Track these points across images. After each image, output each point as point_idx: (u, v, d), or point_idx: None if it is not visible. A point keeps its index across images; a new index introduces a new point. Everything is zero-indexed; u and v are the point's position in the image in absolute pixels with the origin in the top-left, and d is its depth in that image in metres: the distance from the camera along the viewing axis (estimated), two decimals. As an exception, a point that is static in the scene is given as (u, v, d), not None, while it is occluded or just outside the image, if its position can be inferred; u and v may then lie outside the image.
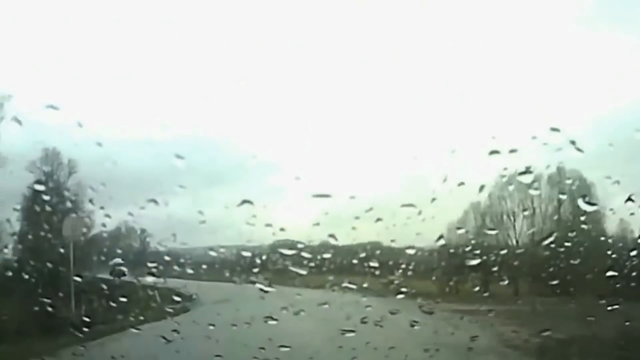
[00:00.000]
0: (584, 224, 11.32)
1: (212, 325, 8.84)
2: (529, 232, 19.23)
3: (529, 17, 20.96)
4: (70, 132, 16.58)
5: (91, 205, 17.27)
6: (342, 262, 11.84)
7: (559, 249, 11.14)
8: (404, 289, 9.77)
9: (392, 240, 10.29)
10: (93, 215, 17.53)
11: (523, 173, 7.29)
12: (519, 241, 18.94)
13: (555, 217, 17.98)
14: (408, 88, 21.47)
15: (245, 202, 6.11)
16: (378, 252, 10.97)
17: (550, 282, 12.48)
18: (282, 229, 7.37)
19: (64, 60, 20.42)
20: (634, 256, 9.79)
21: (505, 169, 8.01)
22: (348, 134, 19.90)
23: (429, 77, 22.17)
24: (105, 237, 21.61)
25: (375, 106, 20.42)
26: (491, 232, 18.64)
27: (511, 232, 19.64)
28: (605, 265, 9.90)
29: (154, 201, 7.12)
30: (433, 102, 20.84)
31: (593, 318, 8.86)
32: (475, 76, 20.49)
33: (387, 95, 21.02)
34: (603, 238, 13.66)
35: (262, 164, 6.65)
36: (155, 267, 11.05)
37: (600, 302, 8.69)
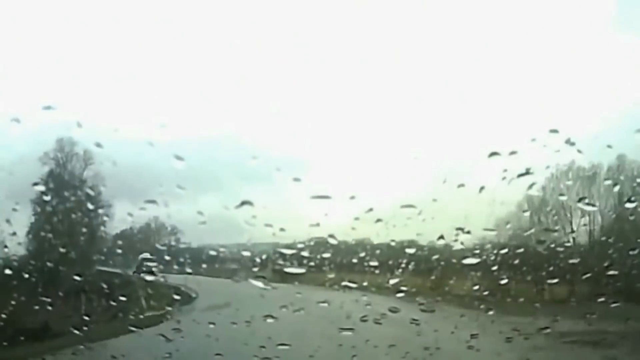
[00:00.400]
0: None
1: (213, 323, 8.91)
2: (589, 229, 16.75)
3: (528, 17, 20.92)
4: (70, 132, 16.74)
5: (109, 198, 16.89)
6: (342, 262, 11.89)
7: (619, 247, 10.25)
8: (403, 288, 9.82)
9: (392, 240, 10.35)
10: (112, 209, 17.41)
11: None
12: (575, 239, 16.37)
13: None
14: (408, 88, 21.46)
15: (245, 203, 6.14)
16: (378, 251, 11.01)
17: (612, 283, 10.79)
18: (282, 229, 7.39)
19: (64, 60, 20.40)
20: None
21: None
22: (348, 135, 19.85)
23: (429, 77, 22.11)
24: (135, 232, 21.26)
25: (375, 106, 20.39)
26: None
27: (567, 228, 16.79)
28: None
29: (153, 202, 7.14)
30: (433, 102, 20.83)
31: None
32: (475, 77, 20.46)
33: (387, 95, 21.00)
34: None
35: (262, 164, 6.70)
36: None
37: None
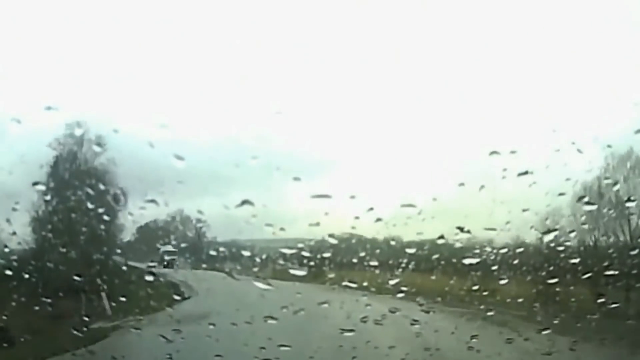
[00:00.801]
0: None
1: (213, 324, 8.89)
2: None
3: (528, 17, 20.92)
4: (70, 132, 16.68)
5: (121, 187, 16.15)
6: (342, 261, 11.88)
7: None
8: (404, 288, 9.80)
9: (392, 239, 10.34)
10: (125, 197, 16.55)
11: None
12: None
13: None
14: (408, 88, 21.45)
15: (246, 203, 6.12)
16: (378, 251, 11.00)
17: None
18: (282, 229, 7.38)
19: (64, 60, 20.36)
20: None
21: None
22: (348, 135, 19.85)
23: (429, 77, 22.10)
24: (159, 225, 20.86)
25: (375, 106, 20.39)
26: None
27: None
28: None
29: (154, 202, 7.12)
30: (433, 102, 20.82)
31: None
32: (475, 77, 20.44)
33: (387, 95, 20.99)
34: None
35: (262, 164, 6.68)
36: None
37: None
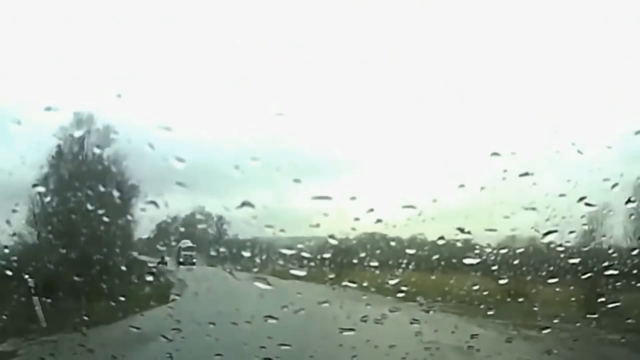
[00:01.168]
0: None
1: (213, 323, 8.93)
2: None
3: (527, 17, 20.98)
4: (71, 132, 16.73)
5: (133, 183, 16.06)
6: (342, 262, 11.92)
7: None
8: (404, 288, 9.85)
9: (392, 240, 10.37)
10: (137, 191, 16.48)
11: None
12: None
13: None
14: (408, 88, 21.51)
15: (246, 204, 6.14)
16: (378, 251, 11.03)
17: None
18: (282, 230, 7.41)
19: (64, 61, 20.42)
20: None
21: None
22: (348, 135, 19.94)
23: (429, 77, 22.19)
24: (180, 221, 20.64)
25: (376, 107, 20.47)
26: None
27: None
28: None
29: (153, 203, 7.14)
30: (433, 102, 20.87)
31: None
32: (475, 77, 20.50)
33: (387, 95, 21.07)
34: None
35: (263, 165, 6.70)
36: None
37: None
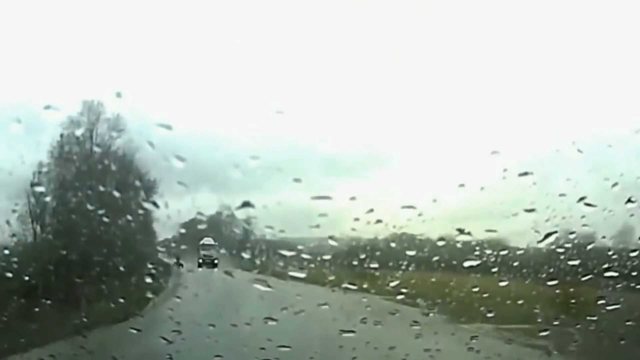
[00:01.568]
0: None
1: (212, 325, 8.90)
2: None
3: (527, 16, 20.94)
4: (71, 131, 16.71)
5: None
6: (342, 263, 11.89)
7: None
8: (404, 290, 9.81)
9: (392, 241, 10.34)
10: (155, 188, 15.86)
11: None
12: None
13: None
14: (408, 88, 21.48)
15: (246, 204, 6.11)
16: (378, 253, 11.00)
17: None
18: (281, 231, 7.39)
19: (64, 60, 20.39)
20: None
21: None
22: (348, 135, 19.89)
23: (429, 77, 22.13)
24: (204, 220, 20.30)
25: (375, 106, 20.45)
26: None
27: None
28: None
29: (153, 203, 7.13)
30: (433, 102, 20.85)
31: None
32: (475, 77, 20.47)
33: (387, 95, 21.04)
34: None
35: (263, 165, 6.68)
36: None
37: None
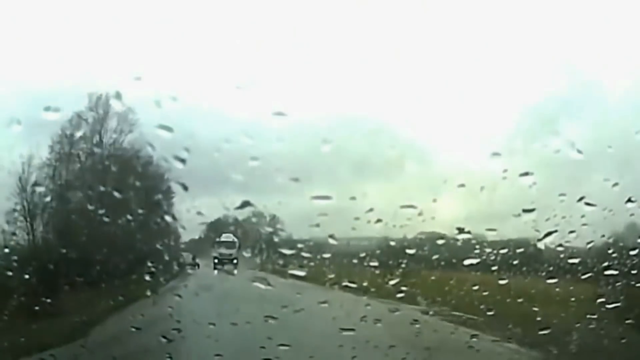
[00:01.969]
0: None
1: (213, 324, 8.93)
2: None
3: (527, 16, 20.95)
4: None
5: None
6: (342, 262, 11.90)
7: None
8: (403, 288, 9.84)
9: (392, 240, 10.36)
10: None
11: None
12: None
13: None
14: (408, 88, 21.49)
15: (246, 204, 6.14)
16: (378, 251, 11.03)
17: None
18: (282, 230, 7.42)
19: (64, 60, 20.38)
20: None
21: None
22: (348, 135, 19.89)
23: (429, 77, 22.14)
24: (230, 221, 20.03)
25: (375, 106, 20.45)
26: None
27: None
28: None
29: (156, 203, 7.15)
30: (433, 102, 20.86)
31: None
32: (475, 77, 20.48)
33: (387, 95, 21.04)
34: None
35: (262, 165, 6.69)
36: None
37: None
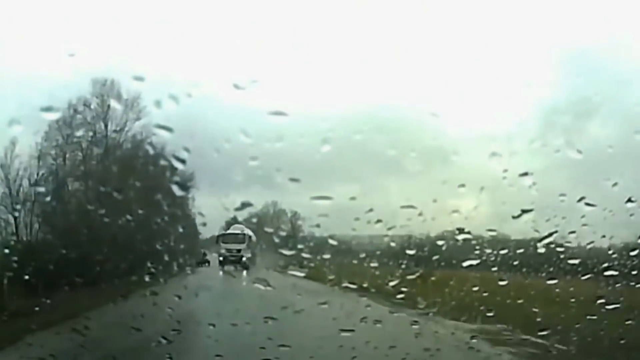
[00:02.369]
0: None
1: (213, 325, 8.92)
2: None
3: (527, 16, 20.99)
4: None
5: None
6: (342, 262, 11.90)
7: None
8: (403, 289, 9.83)
9: (392, 241, 10.35)
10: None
11: None
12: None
13: None
14: (408, 87, 21.52)
15: (246, 205, 6.13)
16: (378, 252, 11.01)
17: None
18: (281, 230, 7.41)
19: (65, 60, 20.42)
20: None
21: None
22: (348, 134, 19.89)
23: (429, 77, 22.18)
24: (251, 218, 19.95)
25: (375, 106, 20.47)
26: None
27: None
28: None
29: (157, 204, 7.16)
30: (433, 102, 20.88)
31: None
32: (475, 77, 20.51)
33: (387, 95, 21.07)
34: None
35: (262, 165, 6.67)
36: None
37: None
